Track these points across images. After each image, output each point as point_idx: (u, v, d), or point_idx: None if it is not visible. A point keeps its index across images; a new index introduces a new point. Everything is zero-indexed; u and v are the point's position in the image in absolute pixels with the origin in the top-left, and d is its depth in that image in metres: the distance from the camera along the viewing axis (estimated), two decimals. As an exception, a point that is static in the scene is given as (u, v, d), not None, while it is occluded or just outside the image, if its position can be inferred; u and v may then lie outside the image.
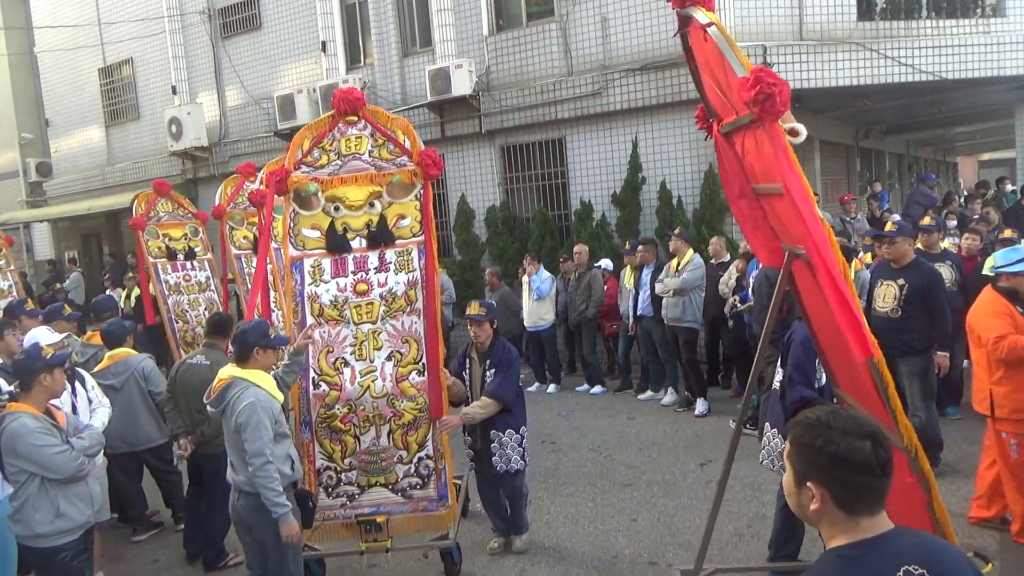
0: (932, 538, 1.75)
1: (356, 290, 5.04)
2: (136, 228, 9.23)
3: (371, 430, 4.98)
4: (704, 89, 3.92)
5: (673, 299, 8.17)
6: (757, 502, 5.77)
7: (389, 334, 5.02)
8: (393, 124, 5.16)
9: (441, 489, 5.01)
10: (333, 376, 5.00)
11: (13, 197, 19.94)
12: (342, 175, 5.06)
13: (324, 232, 5.07)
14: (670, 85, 10.10)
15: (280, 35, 14.22)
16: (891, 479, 1.68)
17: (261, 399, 4.09)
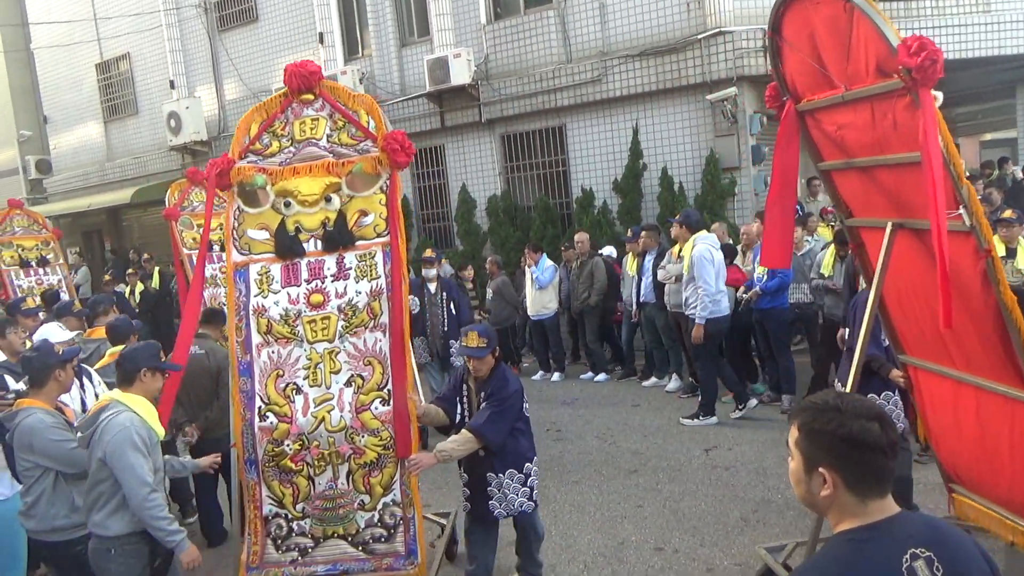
0: (940, 521, 1.76)
1: (310, 302, 4.23)
2: (169, 219, 9.05)
3: (327, 470, 4.17)
4: (785, 67, 3.97)
5: (675, 285, 8.15)
6: (763, 487, 5.79)
7: (349, 354, 4.20)
8: (356, 103, 4.34)
9: (410, 543, 4.17)
10: (283, 405, 4.17)
11: (13, 194, 19.88)
12: (295, 164, 4.28)
13: (273, 233, 4.28)
14: (670, 71, 10.06)
15: (277, 27, 14.17)
16: (896, 460, 1.69)
17: (135, 424, 3.59)
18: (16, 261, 10.24)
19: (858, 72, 3.33)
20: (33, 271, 10.34)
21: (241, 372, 4.21)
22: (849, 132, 3.64)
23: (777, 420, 7.24)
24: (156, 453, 3.72)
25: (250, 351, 4.23)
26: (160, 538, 3.58)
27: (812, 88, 3.80)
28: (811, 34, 3.58)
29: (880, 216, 3.86)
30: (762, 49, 9.48)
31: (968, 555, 1.67)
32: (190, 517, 6.25)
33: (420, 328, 7.70)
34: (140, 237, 18.12)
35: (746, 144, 9.77)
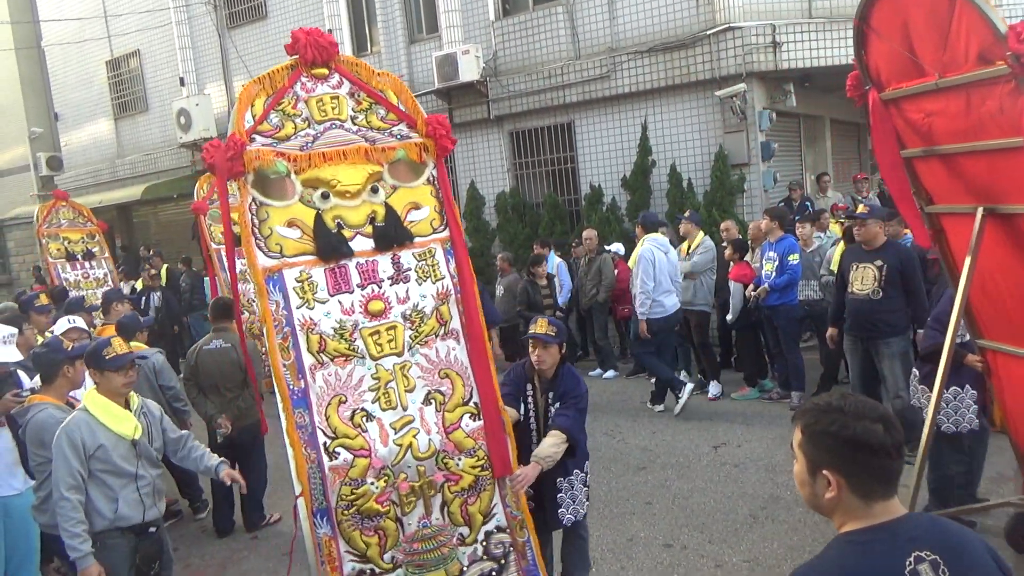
0: (948, 523, 1.72)
1: (368, 310, 3.51)
2: (198, 212, 8.98)
3: (417, 506, 3.45)
4: (869, 56, 4.06)
5: (684, 282, 8.15)
6: (772, 484, 5.78)
7: (422, 368, 3.57)
8: (379, 81, 3.75)
9: (530, 571, 3.61)
10: (355, 437, 3.36)
11: (25, 191, 20.06)
12: (321, 149, 3.53)
13: (311, 230, 3.48)
14: (679, 67, 10.03)
15: (286, 24, 14.18)
16: (903, 460, 1.66)
17: (76, 425, 3.58)
18: (63, 254, 10.18)
19: (955, 59, 3.41)
20: (79, 264, 10.26)
21: (296, 403, 3.29)
22: (939, 119, 3.73)
23: (786, 417, 7.23)
24: (110, 455, 3.63)
25: (303, 376, 3.33)
26: (64, 540, 3.53)
27: (899, 76, 3.89)
28: (904, 23, 3.67)
29: (967, 202, 3.95)
30: (771, 45, 9.44)
31: (976, 557, 1.64)
32: (200, 513, 6.29)
33: None
34: (156, 233, 18.19)
35: (755, 140, 9.74)
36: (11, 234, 21.11)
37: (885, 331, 5.90)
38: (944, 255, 4.38)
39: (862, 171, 12.75)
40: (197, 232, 15.19)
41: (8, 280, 21.02)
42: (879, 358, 6.00)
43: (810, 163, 11.91)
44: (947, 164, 3.94)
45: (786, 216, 8.07)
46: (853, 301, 6.03)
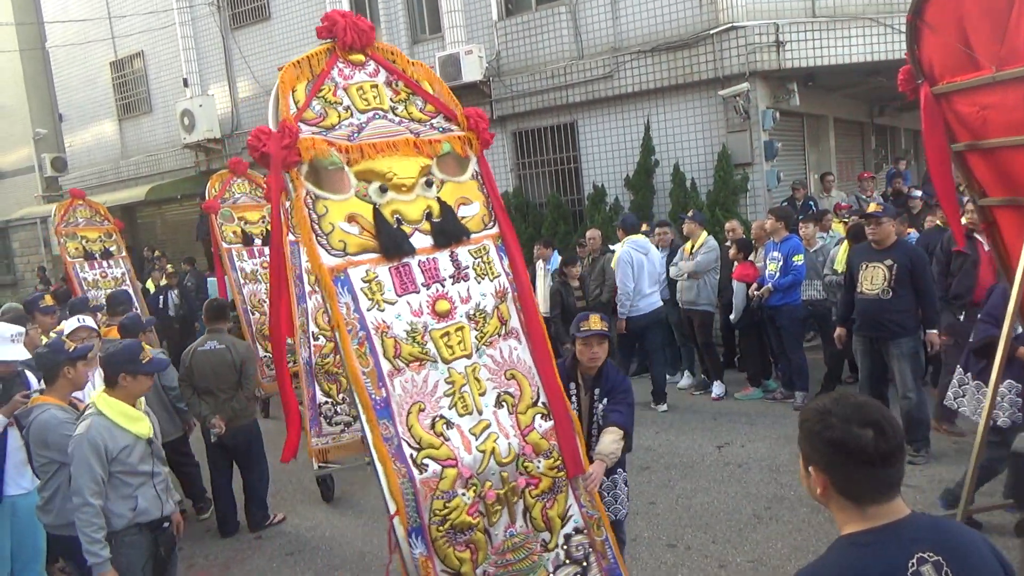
0: (952, 524, 1.71)
1: (436, 311, 3.29)
2: (209, 211, 8.82)
3: (502, 514, 3.24)
4: (922, 51, 4.11)
5: (688, 282, 8.15)
6: (775, 483, 5.77)
7: (489, 369, 3.38)
8: (415, 71, 3.60)
9: (612, 570, 3.48)
10: (439, 447, 3.11)
11: (29, 192, 20.12)
12: (372, 140, 3.29)
13: (371, 226, 3.21)
14: (682, 66, 10.02)
15: (289, 25, 14.22)
16: (897, 469, 1.63)
17: (96, 431, 3.61)
18: (81, 253, 10.02)
19: (1014, 52, 3.48)
20: (97, 263, 10.11)
21: (379, 414, 3.03)
22: (995, 112, 3.79)
23: (790, 417, 7.22)
24: (130, 456, 3.69)
25: (383, 383, 3.08)
26: (84, 545, 3.56)
27: (952, 71, 3.95)
28: (959, 18, 3.74)
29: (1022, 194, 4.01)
30: (774, 44, 9.43)
31: (980, 558, 1.64)
32: (204, 513, 6.30)
33: None
34: (160, 234, 18.22)
35: (758, 140, 9.72)
36: (16, 235, 21.18)
37: (895, 331, 5.88)
38: (996, 248, 4.40)
39: (866, 170, 12.74)
40: (201, 232, 15.31)
41: (13, 281, 21.09)
42: (889, 358, 5.98)
43: (813, 162, 11.89)
44: (1002, 156, 3.98)
45: (791, 216, 8.07)
46: (862, 301, 6.01)
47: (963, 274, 5.94)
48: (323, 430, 6.02)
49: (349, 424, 6.02)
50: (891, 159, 14.98)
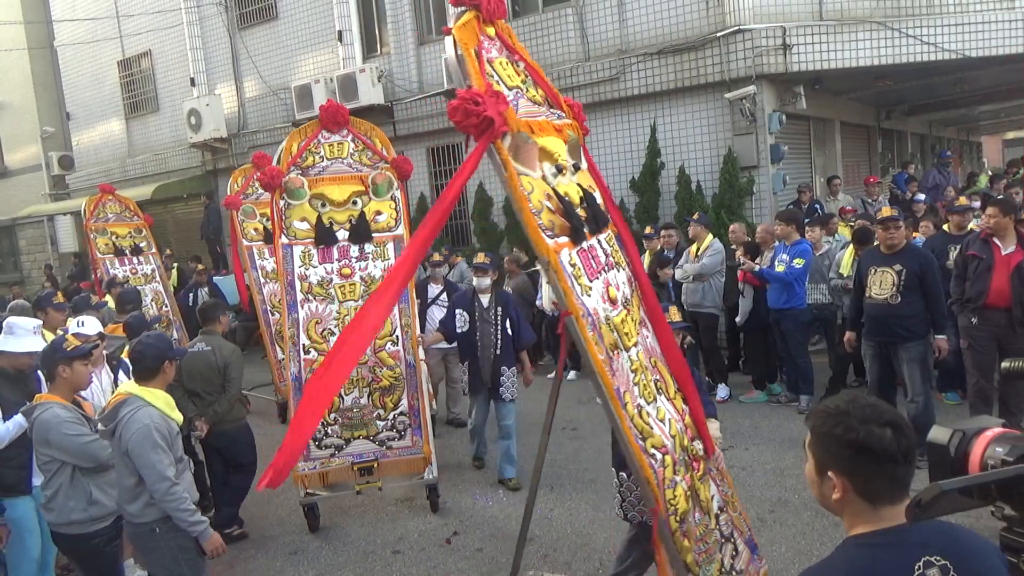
0: (960, 529, 1.70)
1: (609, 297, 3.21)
2: (230, 207, 8.66)
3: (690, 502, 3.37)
4: None
5: (693, 284, 8.15)
6: (779, 487, 5.77)
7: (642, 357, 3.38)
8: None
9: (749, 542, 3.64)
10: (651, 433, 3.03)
11: (37, 190, 20.18)
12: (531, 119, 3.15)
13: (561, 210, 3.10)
14: (688, 69, 10.02)
15: (296, 25, 14.25)
16: (913, 467, 1.64)
17: (155, 419, 3.75)
18: (111, 249, 9.96)
19: None
20: (127, 259, 10.03)
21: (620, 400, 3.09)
22: None
23: (794, 420, 7.21)
24: (176, 442, 3.85)
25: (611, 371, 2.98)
26: (184, 528, 3.71)
27: None
28: None
29: None
30: (781, 47, 9.43)
31: (987, 563, 1.63)
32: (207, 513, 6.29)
33: (468, 349, 6.49)
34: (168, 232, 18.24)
35: (765, 143, 9.71)
36: (23, 232, 21.25)
37: (904, 336, 5.87)
38: None
39: (872, 174, 12.72)
40: (207, 231, 15.35)
41: (20, 278, 21.16)
42: (898, 363, 5.97)
43: (820, 166, 11.88)
44: None
45: (800, 218, 8.06)
46: (871, 306, 6.00)
47: (976, 277, 5.91)
48: (311, 454, 5.70)
49: (340, 448, 5.77)
50: (897, 163, 14.96)
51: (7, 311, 6.62)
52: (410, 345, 5.95)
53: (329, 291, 5.81)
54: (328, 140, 5.91)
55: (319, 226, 5.84)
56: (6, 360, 4.57)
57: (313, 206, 5.83)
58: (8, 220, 20.82)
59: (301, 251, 5.82)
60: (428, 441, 5.87)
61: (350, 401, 5.74)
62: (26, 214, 19.26)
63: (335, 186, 5.88)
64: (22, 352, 4.54)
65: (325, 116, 5.89)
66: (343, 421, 5.73)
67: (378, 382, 5.82)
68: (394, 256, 5.90)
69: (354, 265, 5.89)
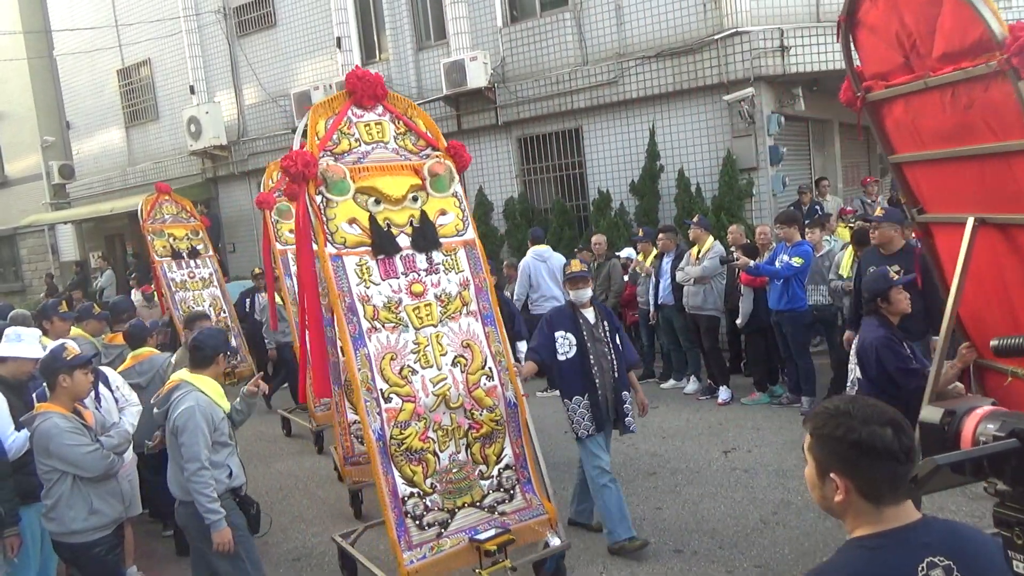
0: (965, 528, 1.69)
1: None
2: (262, 207, 7.73)
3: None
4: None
5: (694, 287, 8.15)
6: (782, 489, 5.76)
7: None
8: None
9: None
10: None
11: (37, 199, 20.22)
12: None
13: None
14: (687, 71, 10.04)
15: (295, 32, 14.28)
16: (914, 465, 1.64)
17: (201, 404, 3.94)
18: (168, 252, 9.43)
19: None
20: (185, 263, 9.51)
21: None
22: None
23: (797, 422, 7.20)
24: (222, 427, 4.05)
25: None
26: (201, 511, 3.85)
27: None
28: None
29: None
30: (779, 49, 9.44)
31: (991, 562, 1.62)
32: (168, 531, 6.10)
33: (579, 380, 5.06)
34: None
35: (763, 145, 9.72)
36: (24, 242, 21.28)
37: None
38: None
39: (871, 175, 12.71)
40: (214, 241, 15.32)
41: (21, 287, 21.18)
42: None
43: (819, 167, 11.88)
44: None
45: (800, 219, 8.06)
46: None
47: None
48: (412, 538, 4.22)
49: (445, 524, 4.44)
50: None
51: (7, 320, 6.61)
52: (507, 377, 4.58)
53: (400, 315, 4.34)
54: (361, 118, 4.56)
55: (375, 229, 4.38)
56: (10, 367, 4.57)
57: (360, 203, 4.38)
58: (9, 229, 20.86)
59: (356, 263, 4.31)
60: (547, 496, 4.55)
61: (447, 459, 4.31)
62: (27, 223, 19.29)
63: (387, 178, 4.46)
64: (29, 358, 4.53)
65: (357, 85, 4.51)
66: (444, 487, 4.27)
67: (477, 429, 4.41)
68: (468, 266, 4.62)
69: (424, 280, 4.46)
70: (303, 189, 4.25)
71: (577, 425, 5.05)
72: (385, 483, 4.07)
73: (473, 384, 4.43)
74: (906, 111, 3.65)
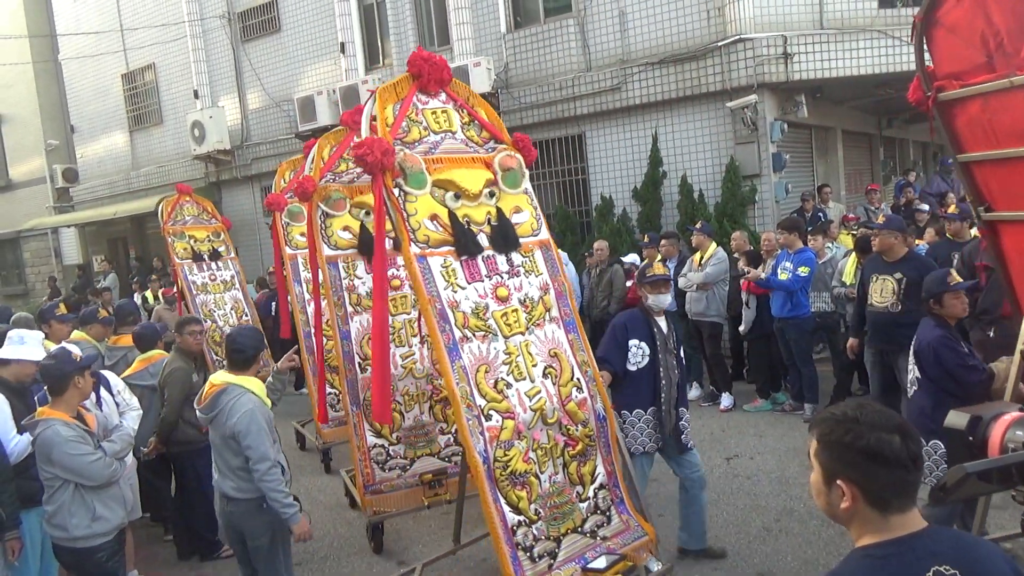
0: (970, 537, 1.69)
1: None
2: (272, 208, 7.29)
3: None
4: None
5: (696, 293, 8.14)
6: (785, 496, 5.74)
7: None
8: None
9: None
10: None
11: (41, 203, 20.26)
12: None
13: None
14: (690, 78, 10.04)
15: (299, 37, 14.32)
16: (921, 473, 1.63)
17: (257, 404, 4.00)
18: (189, 254, 9.26)
19: None
20: (206, 265, 9.33)
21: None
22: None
23: (799, 429, 7.19)
24: (271, 426, 4.10)
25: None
26: (276, 509, 3.92)
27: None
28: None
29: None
30: (782, 56, 9.45)
31: (998, 572, 1.61)
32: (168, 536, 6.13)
33: (646, 393, 4.76)
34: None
35: (766, 151, 9.73)
36: (27, 245, 21.32)
37: (904, 344, 5.82)
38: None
39: (874, 182, 12.72)
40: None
41: (24, 291, 21.21)
42: (899, 371, 5.95)
43: (821, 174, 11.88)
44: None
45: (802, 226, 8.06)
46: (872, 313, 5.99)
47: (989, 288, 5.86)
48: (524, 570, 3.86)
49: (554, 554, 4.03)
50: (899, 171, 14.95)
51: (10, 323, 6.60)
52: (595, 388, 4.24)
53: (488, 322, 3.94)
54: (427, 105, 4.17)
55: (457, 227, 3.98)
56: (13, 370, 4.57)
57: (438, 198, 4.00)
58: (12, 232, 20.90)
59: (441, 265, 3.90)
60: (643, 515, 4.26)
61: (547, 482, 3.89)
62: (30, 226, 19.33)
63: (463, 170, 4.11)
64: (32, 361, 4.52)
65: (424, 68, 4.10)
66: (547, 513, 3.86)
67: (573, 446, 4.04)
68: (546, 269, 4.30)
69: (508, 283, 4.09)
70: (379, 181, 3.80)
71: (633, 440, 4.74)
72: (495, 511, 3.64)
73: (566, 397, 4.06)
74: (983, 110, 3.71)
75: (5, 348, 4.62)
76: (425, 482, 5.32)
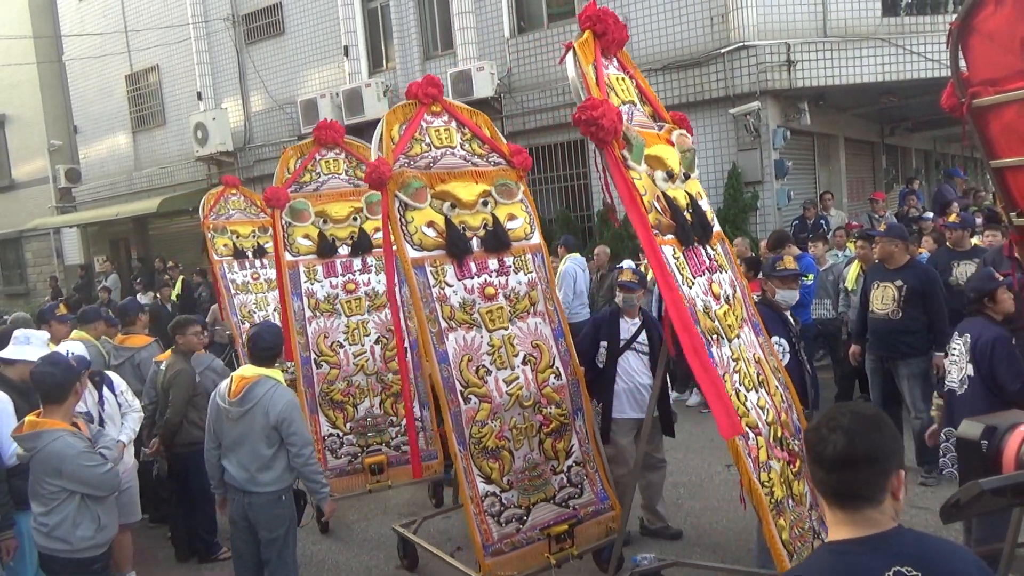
0: (937, 540, 1.69)
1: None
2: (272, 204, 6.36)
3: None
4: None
5: (697, 299, 8.14)
6: (784, 504, 5.72)
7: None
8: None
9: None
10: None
11: (43, 203, 20.28)
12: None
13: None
14: (693, 85, 10.06)
15: (303, 40, 14.35)
16: (854, 478, 1.61)
17: (292, 396, 4.28)
18: (231, 251, 8.48)
19: None
20: (248, 263, 8.55)
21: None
22: None
23: (799, 436, 7.17)
24: None
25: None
26: (313, 490, 4.26)
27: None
28: None
29: None
30: (785, 64, 9.46)
31: (959, 569, 1.62)
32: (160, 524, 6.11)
33: None
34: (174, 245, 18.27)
35: (769, 158, 9.73)
36: (29, 245, 21.34)
37: (905, 351, 5.85)
38: None
39: (876, 190, 12.71)
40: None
41: (25, 291, 21.23)
42: (898, 378, 5.95)
43: (824, 181, 11.88)
44: None
45: (788, 236, 8.04)
46: (873, 320, 5.99)
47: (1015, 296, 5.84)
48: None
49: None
50: (901, 179, 14.96)
51: (9, 323, 6.59)
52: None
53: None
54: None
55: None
56: (18, 370, 4.54)
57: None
58: (15, 232, 20.93)
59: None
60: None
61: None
62: (32, 226, 19.35)
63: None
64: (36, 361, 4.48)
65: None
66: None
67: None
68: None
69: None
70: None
71: None
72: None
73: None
74: (1019, 115, 3.74)
75: (10, 348, 4.60)
76: (551, 535, 4.40)
